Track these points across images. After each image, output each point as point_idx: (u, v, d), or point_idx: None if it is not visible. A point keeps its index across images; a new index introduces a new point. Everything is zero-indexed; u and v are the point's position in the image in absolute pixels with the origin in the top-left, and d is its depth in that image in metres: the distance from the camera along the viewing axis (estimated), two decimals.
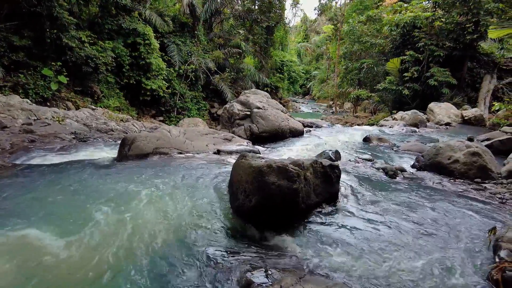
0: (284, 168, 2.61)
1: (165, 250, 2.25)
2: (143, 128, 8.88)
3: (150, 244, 2.28)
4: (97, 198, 2.74)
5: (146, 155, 3.85)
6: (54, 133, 5.58)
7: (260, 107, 6.56)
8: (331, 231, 2.70)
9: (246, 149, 4.69)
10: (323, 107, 35.05)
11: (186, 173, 3.41)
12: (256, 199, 2.50)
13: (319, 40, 40.52)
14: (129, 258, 2.13)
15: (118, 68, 12.78)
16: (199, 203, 2.85)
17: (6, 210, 2.56)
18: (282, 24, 26.66)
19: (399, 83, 14.56)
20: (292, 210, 2.68)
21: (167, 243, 2.33)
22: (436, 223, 2.83)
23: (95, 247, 2.18)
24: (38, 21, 9.74)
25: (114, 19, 12.78)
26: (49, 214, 2.51)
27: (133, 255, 2.15)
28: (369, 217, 2.98)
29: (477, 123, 9.80)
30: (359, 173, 4.25)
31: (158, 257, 2.18)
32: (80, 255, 2.10)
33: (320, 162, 3.15)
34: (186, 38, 17.03)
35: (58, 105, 9.81)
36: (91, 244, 2.19)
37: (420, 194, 3.53)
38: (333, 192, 3.24)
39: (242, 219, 2.65)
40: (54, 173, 3.38)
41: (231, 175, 3.03)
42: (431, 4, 14.26)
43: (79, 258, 2.07)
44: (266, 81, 21.56)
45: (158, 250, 2.24)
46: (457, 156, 4.49)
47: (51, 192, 2.92)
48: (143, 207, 2.66)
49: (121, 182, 3.07)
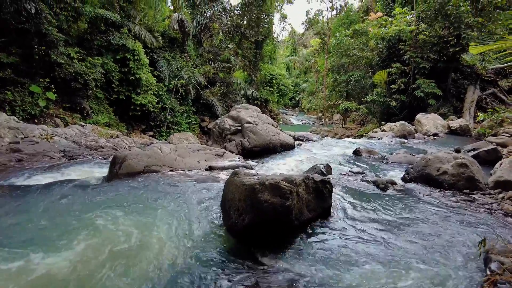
0: (277, 185, 2.61)
1: (154, 273, 2.20)
2: (133, 144, 8.81)
3: (137, 266, 2.23)
4: (85, 222, 2.68)
5: (137, 173, 3.81)
6: (42, 152, 5.49)
7: (251, 121, 6.60)
8: (325, 248, 2.70)
9: (238, 164, 4.69)
10: (313, 119, 35.42)
11: (177, 192, 3.38)
12: (249, 218, 2.50)
13: (307, 54, 41.24)
14: (117, 282, 2.08)
15: (108, 83, 12.74)
16: (191, 222, 2.82)
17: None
18: (270, 38, 27.14)
19: (386, 95, 14.86)
20: (286, 228, 2.68)
21: (157, 265, 2.28)
22: (427, 236, 2.86)
23: (78, 270, 2.12)
24: (26, 38, 9.69)
25: (104, 35, 12.81)
26: (31, 240, 2.45)
27: (119, 279, 2.10)
28: (362, 232, 3.00)
29: (463, 133, 10.03)
30: (350, 187, 4.28)
31: (146, 279, 2.13)
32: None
33: (312, 177, 3.17)
34: (176, 53, 17.14)
35: (46, 122, 9.68)
36: (74, 269, 2.13)
37: (411, 207, 3.57)
38: (326, 207, 3.25)
39: (236, 238, 2.63)
40: (42, 194, 3.31)
41: (223, 193, 3.02)
42: (415, 18, 14.71)
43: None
44: (256, 94, 21.74)
45: (146, 272, 2.19)
46: (446, 167, 4.57)
47: (37, 216, 2.85)
48: (133, 229, 2.61)
49: (111, 203, 3.02)
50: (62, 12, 10.77)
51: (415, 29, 13.96)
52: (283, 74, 30.95)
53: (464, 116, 12.98)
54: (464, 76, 14.80)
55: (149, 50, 15.41)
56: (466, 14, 12.66)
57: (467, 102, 13.61)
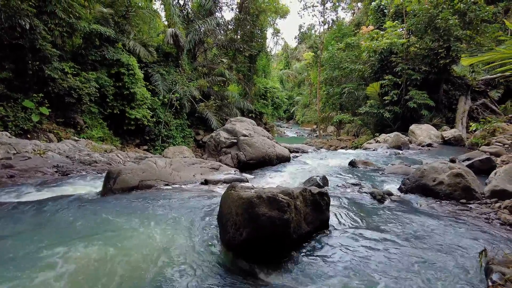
0: (274, 198, 2.58)
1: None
2: (127, 158, 8.72)
3: (131, 285, 2.17)
4: (80, 239, 2.61)
5: (132, 188, 3.75)
6: (35, 167, 5.40)
7: (246, 134, 6.59)
8: (325, 262, 2.65)
9: (234, 177, 4.65)
10: (307, 131, 35.64)
11: (173, 207, 3.33)
12: (246, 232, 2.45)
13: (300, 67, 41.79)
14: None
15: (102, 98, 12.72)
16: (187, 238, 2.76)
17: None
18: (264, 52, 27.48)
19: (380, 106, 15.02)
20: (284, 242, 2.63)
21: (153, 282, 2.22)
22: (427, 248, 2.83)
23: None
24: (20, 53, 9.69)
25: (98, 50, 12.86)
26: (20, 258, 2.37)
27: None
28: (360, 244, 2.95)
29: (456, 143, 10.12)
30: (347, 199, 4.25)
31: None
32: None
33: (309, 190, 3.14)
34: (171, 67, 17.24)
35: (39, 137, 9.59)
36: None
37: (409, 219, 3.54)
38: (324, 220, 3.22)
39: (233, 252, 2.57)
40: (34, 212, 3.23)
41: (220, 207, 2.97)
42: (406, 31, 15.03)
43: None
44: (250, 107, 21.86)
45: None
46: (442, 177, 4.57)
47: (27, 235, 2.77)
48: (128, 246, 2.55)
49: (105, 219, 2.96)
50: (57, 27, 10.81)
51: (406, 41, 14.24)
52: (277, 87, 31.23)
53: (456, 126, 13.13)
54: (455, 87, 15.05)
55: (144, 64, 15.48)
56: (455, 27, 12.97)
57: (459, 113, 13.80)
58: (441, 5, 13.36)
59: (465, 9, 13.18)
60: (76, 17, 11.47)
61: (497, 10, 15.33)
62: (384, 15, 18.60)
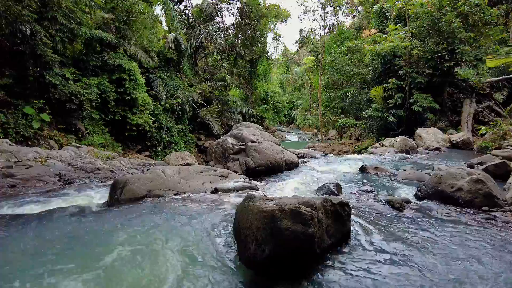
0: (297, 211, 2.40)
1: None
2: (130, 165, 8.53)
3: None
4: (85, 255, 2.43)
5: (139, 199, 3.56)
6: (36, 176, 5.21)
7: (254, 140, 6.42)
8: (348, 277, 2.46)
9: (244, 185, 4.46)
10: (308, 135, 35.46)
11: (184, 219, 3.14)
12: (269, 248, 2.26)
13: (300, 71, 41.71)
14: None
15: (103, 104, 12.56)
16: (202, 253, 2.57)
17: None
18: (265, 57, 27.42)
19: (383, 110, 14.86)
20: (308, 257, 2.45)
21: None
22: (455, 260, 2.64)
23: None
24: (21, 60, 9.54)
25: (99, 56, 12.73)
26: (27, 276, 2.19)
27: None
28: (385, 257, 2.77)
29: (465, 146, 9.95)
30: (364, 207, 4.07)
31: None
32: None
33: (330, 200, 2.96)
34: (172, 72, 17.11)
35: (40, 144, 9.40)
36: None
37: (433, 228, 3.36)
38: (345, 232, 3.03)
39: (253, 270, 2.38)
40: (38, 224, 3.04)
41: (236, 219, 2.79)
42: (408, 35, 14.93)
43: None
44: (252, 111, 21.72)
45: None
46: (460, 184, 4.39)
47: (32, 250, 2.59)
48: (139, 262, 2.36)
49: (113, 233, 2.77)
50: (58, 33, 10.68)
51: (409, 45, 14.13)
52: (278, 92, 31.22)
53: (462, 130, 12.97)
54: (460, 90, 14.92)
55: (145, 70, 15.36)
56: (459, 29, 12.87)
57: (464, 116, 13.64)
58: (444, 8, 13.28)
59: (469, 11, 13.09)
60: (77, 23, 11.34)
61: (499, 12, 15.25)
62: (386, 18, 18.52)
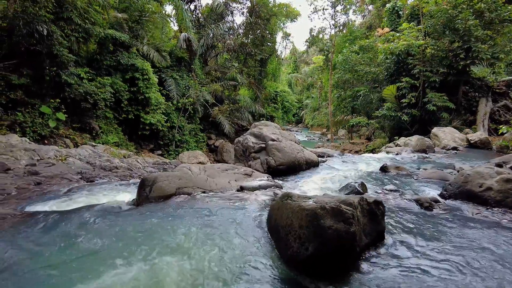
0: (339, 209, 2.36)
1: None
2: (146, 164, 8.56)
3: None
4: (121, 257, 2.41)
5: (168, 197, 3.55)
6: (60, 174, 5.24)
7: (274, 139, 6.38)
8: (391, 276, 2.41)
9: (269, 184, 4.43)
10: (317, 135, 35.33)
11: (216, 217, 3.12)
12: (313, 247, 2.22)
13: (309, 70, 41.57)
14: None
15: (117, 103, 12.65)
16: (241, 251, 2.54)
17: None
18: (274, 56, 27.34)
19: (396, 109, 14.70)
20: (349, 256, 2.41)
21: None
22: (497, 260, 2.57)
23: None
24: (38, 59, 9.63)
25: (113, 55, 12.81)
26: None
27: None
28: (424, 256, 2.71)
29: (483, 146, 9.77)
30: (392, 206, 4.01)
31: None
32: None
33: (365, 198, 2.91)
34: (183, 72, 17.15)
35: (56, 142, 9.50)
36: None
37: (467, 228, 3.29)
38: (380, 231, 2.97)
39: (295, 268, 2.35)
40: (69, 222, 3.04)
41: (271, 217, 2.75)
42: (422, 33, 14.74)
43: None
44: (262, 111, 21.67)
45: None
46: (489, 183, 4.29)
47: (74, 251, 2.59)
48: (181, 261, 2.34)
49: (149, 231, 2.76)
50: (73, 33, 10.77)
51: (423, 43, 13.95)
52: (287, 91, 31.11)
53: (478, 129, 12.76)
54: (475, 89, 14.68)
55: (157, 69, 15.42)
56: (475, 27, 12.66)
57: (480, 115, 13.42)
58: (460, 6, 13.07)
59: (486, 9, 12.87)
60: (92, 23, 11.43)
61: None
62: (399, 16, 18.32)
